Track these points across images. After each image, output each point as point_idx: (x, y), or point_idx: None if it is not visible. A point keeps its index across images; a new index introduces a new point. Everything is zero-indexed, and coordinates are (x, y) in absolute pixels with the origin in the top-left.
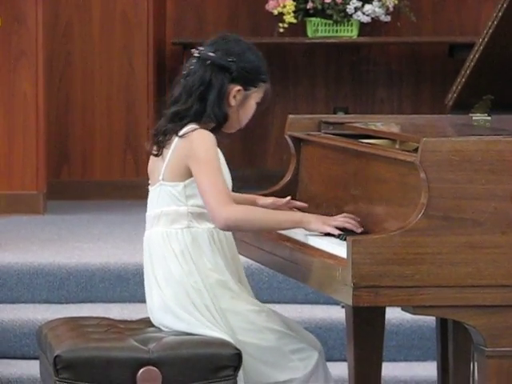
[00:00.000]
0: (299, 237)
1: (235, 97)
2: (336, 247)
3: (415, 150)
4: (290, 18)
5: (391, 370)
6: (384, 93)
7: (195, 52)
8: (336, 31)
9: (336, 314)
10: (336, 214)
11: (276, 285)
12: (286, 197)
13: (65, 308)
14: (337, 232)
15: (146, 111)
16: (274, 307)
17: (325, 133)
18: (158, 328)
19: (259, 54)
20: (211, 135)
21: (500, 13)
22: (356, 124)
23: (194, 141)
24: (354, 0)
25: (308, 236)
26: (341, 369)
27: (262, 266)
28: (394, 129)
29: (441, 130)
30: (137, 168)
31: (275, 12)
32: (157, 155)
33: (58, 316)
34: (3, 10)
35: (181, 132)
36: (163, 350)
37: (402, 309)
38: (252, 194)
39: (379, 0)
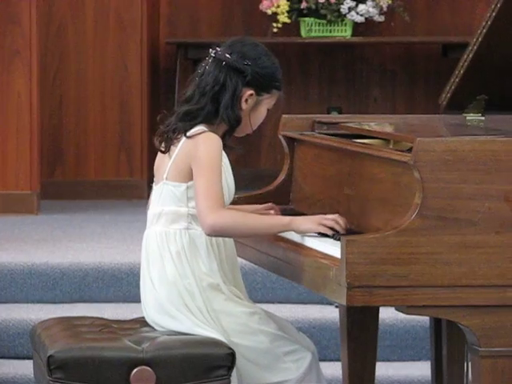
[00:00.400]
0: (293, 237)
1: (247, 101)
2: (330, 247)
3: (409, 150)
4: (284, 18)
5: (385, 370)
6: (378, 93)
7: (212, 52)
8: (330, 31)
9: (330, 314)
10: (329, 214)
11: (270, 285)
12: (280, 197)
13: (58, 308)
14: (330, 232)
15: (140, 111)
16: (268, 307)
17: (318, 133)
18: (152, 328)
19: (276, 61)
20: (218, 139)
21: (494, 13)
22: (350, 124)
23: (200, 143)
24: (348, 0)
25: (303, 236)
26: (334, 368)
27: (256, 266)
28: (388, 129)
29: (435, 130)
30: (130, 168)
31: (269, 12)
32: (164, 152)
33: (52, 316)
34: None
35: (189, 132)
36: (157, 350)
37: (396, 308)
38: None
39: (373, 0)
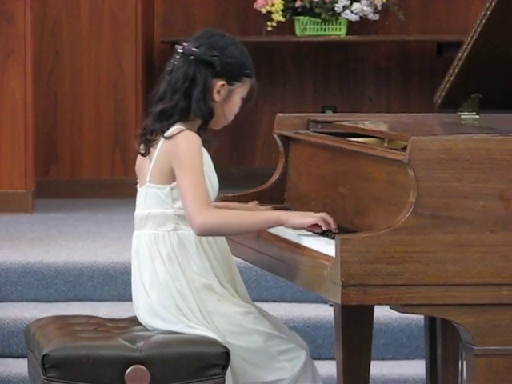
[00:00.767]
0: (288, 235)
1: (219, 92)
2: (325, 246)
3: (404, 149)
4: (279, 17)
5: (379, 369)
6: (372, 91)
7: (179, 48)
8: (324, 30)
9: (324, 313)
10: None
11: (264, 283)
12: (275, 195)
13: (53, 306)
14: (320, 229)
15: (135, 110)
16: (263, 306)
17: (313, 131)
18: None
19: (244, 49)
20: (196, 137)
21: (488, 11)
22: (344, 122)
23: (179, 143)
24: None
25: (298, 235)
26: (329, 367)
27: (250, 265)
28: (383, 127)
29: (429, 129)
30: (125, 167)
31: (263, 10)
32: (144, 154)
33: (47, 314)
34: None
35: (167, 133)
36: (151, 349)
37: (391, 307)
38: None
39: None
